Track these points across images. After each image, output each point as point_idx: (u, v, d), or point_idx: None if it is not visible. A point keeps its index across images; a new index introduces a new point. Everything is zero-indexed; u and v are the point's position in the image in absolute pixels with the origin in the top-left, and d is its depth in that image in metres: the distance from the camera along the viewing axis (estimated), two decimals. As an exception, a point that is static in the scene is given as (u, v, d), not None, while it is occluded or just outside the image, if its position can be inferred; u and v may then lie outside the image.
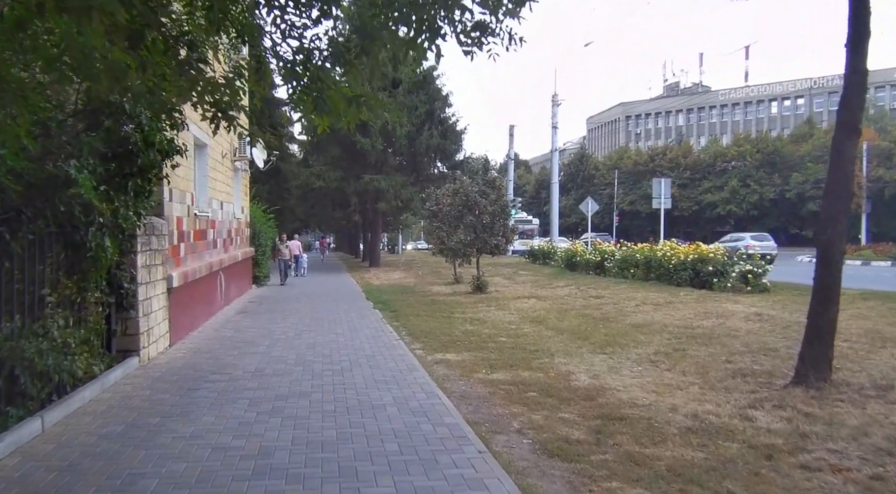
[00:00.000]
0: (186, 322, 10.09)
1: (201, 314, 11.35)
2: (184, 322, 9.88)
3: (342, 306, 14.60)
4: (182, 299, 9.77)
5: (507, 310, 13.78)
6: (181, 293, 9.68)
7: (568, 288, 17.97)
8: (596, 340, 9.75)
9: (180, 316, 9.62)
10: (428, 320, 12.37)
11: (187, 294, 10.17)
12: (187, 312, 10.16)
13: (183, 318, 9.81)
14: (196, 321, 10.86)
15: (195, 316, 10.80)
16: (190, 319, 10.38)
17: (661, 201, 23.94)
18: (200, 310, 11.28)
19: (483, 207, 16.71)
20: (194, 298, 10.75)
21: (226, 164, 15.02)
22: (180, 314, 9.63)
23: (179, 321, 9.56)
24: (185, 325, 10.02)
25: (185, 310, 10.02)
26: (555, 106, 33.14)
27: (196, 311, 10.90)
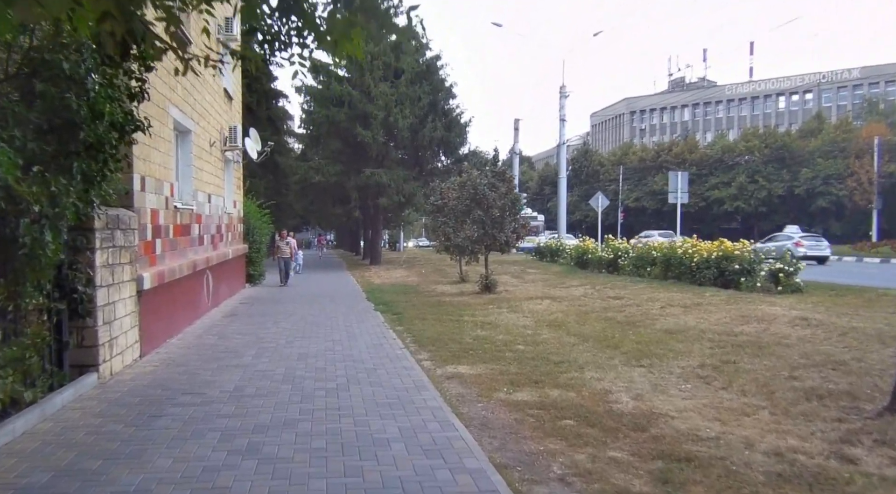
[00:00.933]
0: (163, 329, 8.93)
1: (182, 318, 10.18)
2: (159, 329, 8.71)
3: (341, 309, 13.43)
4: (157, 302, 8.60)
5: (520, 313, 12.61)
6: (156, 296, 8.51)
7: (583, 288, 16.79)
8: (627, 349, 8.57)
9: (154, 322, 8.45)
10: (434, 324, 11.20)
11: (165, 297, 9.00)
12: (164, 317, 8.99)
13: (158, 324, 8.64)
14: (175, 326, 9.69)
15: (174, 321, 9.63)
16: (167, 324, 9.21)
17: (678, 195, 22.74)
18: (181, 314, 10.11)
19: (492, 200, 15.53)
20: (173, 300, 9.58)
21: (215, 154, 13.85)
22: (155, 319, 8.46)
23: (153, 328, 8.39)
24: (161, 332, 8.86)
25: (162, 315, 8.85)
26: (562, 98, 31.92)
27: (176, 315, 9.73)
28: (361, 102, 26.93)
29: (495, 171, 16.09)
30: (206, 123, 12.76)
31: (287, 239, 20.10)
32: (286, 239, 20.07)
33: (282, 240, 20.03)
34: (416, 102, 27.47)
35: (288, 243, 19.87)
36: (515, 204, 15.66)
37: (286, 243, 19.82)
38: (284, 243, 19.82)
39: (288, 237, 20.29)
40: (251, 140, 17.41)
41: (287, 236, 20.34)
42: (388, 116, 26.67)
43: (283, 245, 19.71)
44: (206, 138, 12.65)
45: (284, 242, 19.87)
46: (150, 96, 8.39)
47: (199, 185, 12.02)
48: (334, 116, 27.16)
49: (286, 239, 20.07)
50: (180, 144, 11.12)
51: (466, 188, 15.92)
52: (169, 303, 9.29)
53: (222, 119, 14.70)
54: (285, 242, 19.86)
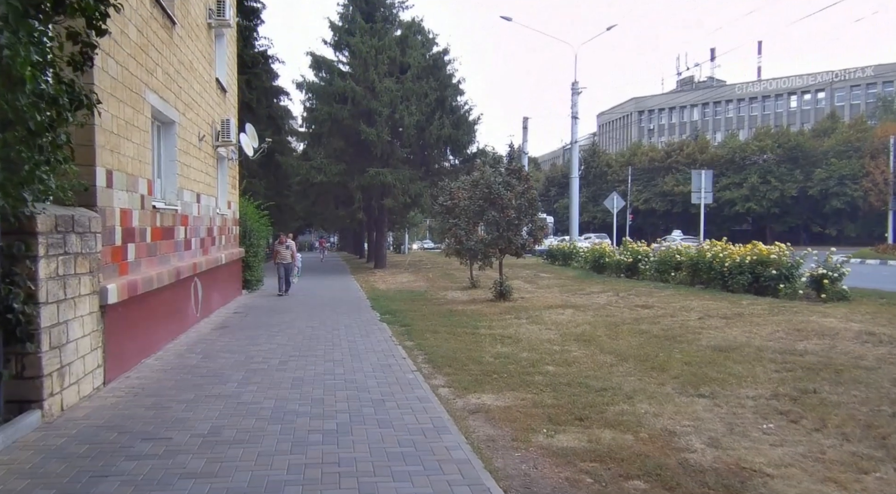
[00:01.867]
0: (136, 348, 7.71)
1: (163, 333, 8.96)
2: (132, 349, 7.50)
3: (343, 319, 12.20)
4: (129, 317, 7.39)
5: (541, 324, 11.36)
6: (128, 310, 7.30)
7: (605, 295, 15.52)
8: (677, 371, 7.32)
9: (125, 341, 7.24)
10: (448, 338, 9.96)
11: (139, 310, 7.79)
12: (138, 334, 7.77)
13: (130, 343, 7.42)
14: (154, 343, 8.47)
15: (152, 338, 8.41)
16: (143, 342, 7.99)
17: (702, 195, 21.45)
18: (161, 329, 8.89)
19: (507, 200, 14.29)
20: (151, 314, 8.37)
21: (205, 149, 12.65)
22: (125, 338, 7.24)
23: (123, 348, 7.17)
24: (135, 351, 7.64)
25: (135, 332, 7.63)
26: (574, 94, 30.66)
27: (154, 330, 8.51)
28: (365, 99, 25.75)
29: (510, 168, 14.86)
30: (195, 114, 11.56)
31: (287, 242, 18.03)
32: (286, 243, 17.99)
33: (281, 244, 17.97)
34: (422, 98, 26.27)
35: (288, 246, 17.84)
36: (533, 204, 14.42)
37: (286, 246, 17.82)
38: (284, 246, 17.82)
39: (288, 241, 18.26)
40: (247, 136, 16.22)
41: (287, 240, 18.27)
42: (394, 113, 25.49)
43: (283, 250, 17.74)
44: (193, 132, 11.44)
45: (284, 246, 17.86)
46: (119, 76, 7.20)
47: (186, 183, 10.81)
48: (337, 114, 25.98)
49: (286, 243, 17.99)
50: (163, 137, 9.92)
51: (479, 187, 14.69)
52: (145, 317, 8.07)
53: (214, 112, 13.51)
54: (285, 245, 17.85)
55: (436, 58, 27.55)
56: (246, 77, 28.66)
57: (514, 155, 14.91)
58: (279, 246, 17.91)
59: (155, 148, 9.53)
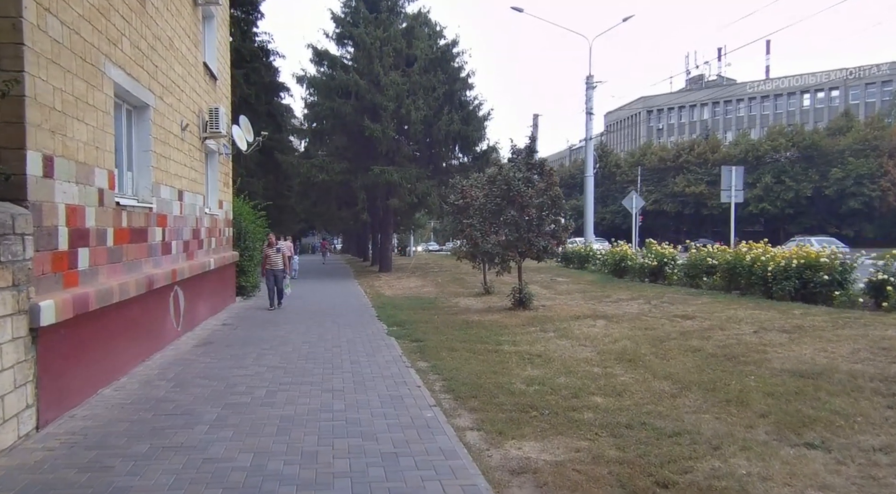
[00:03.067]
0: (88, 376, 6.26)
1: (129, 354, 7.52)
2: (80, 379, 6.05)
3: (345, 332, 10.74)
4: (78, 339, 5.95)
5: (572, 338, 9.89)
6: (76, 331, 5.87)
7: (636, 303, 14.04)
8: (761, 406, 5.85)
9: (70, 370, 5.80)
10: (468, 357, 8.50)
11: (94, 329, 6.35)
12: (92, 358, 6.33)
13: (77, 372, 5.98)
14: (114, 369, 7.03)
15: (112, 362, 6.97)
16: (99, 368, 6.54)
17: (732, 193, 19.92)
18: (127, 349, 7.45)
19: (528, 198, 12.82)
20: (112, 332, 6.93)
21: (191, 141, 11.23)
22: (71, 366, 5.81)
23: (67, 380, 5.73)
24: (85, 381, 6.19)
25: (86, 357, 6.19)
26: (589, 88, 29.20)
27: (116, 352, 7.07)
28: (370, 93, 24.32)
29: (531, 162, 13.39)
30: (176, 100, 10.13)
31: (278, 245, 14.97)
32: (277, 245, 14.87)
33: (271, 247, 14.75)
34: (430, 92, 24.84)
35: (279, 250, 14.74)
36: (556, 203, 12.94)
37: (277, 250, 14.72)
38: (275, 250, 14.66)
39: (279, 243, 15.25)
40: (241, 129, 14.80)
41: (278, 242, 15.23)
42: (400, 108, 24.06)
43: (274, 254, 14.58)
44: (174, 119, 10.01)
45: (275, 249, 14.70)
46: (66, 40, 5.75)
47: (164, 177, 9.38)
48: (340, 109, 24.57)
49: (277, 245, 14.87)
50: (135, 123, 8.49)
51: (497, 184, 13.22)
52: (103, 338, 6.63)
53: (202, 100, 12.09)
54: (275, 249, 14.72)
55: (444, 50, 26.12)
56: (244, 71, 27.28)
57: (535, 150, 13.43)
58: (268, 249, 14.76)
59: (124, 135, 8.11)
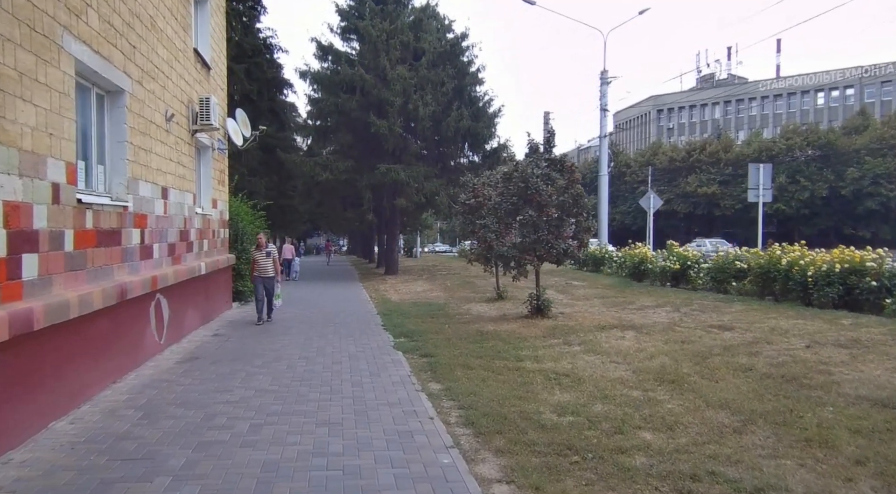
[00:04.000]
0: (35, 409, 5.23)
1: (94, 376, 6.49)
2: (22, 413, 5.02)
3: (348, 346, 9.69)
4: (19, 365, 4.92)
5: (601, 353, 8.80)
6: (17, 355, 4.84)
7: (663, 310, 12.94)
8: (854, 450, 4.77)
9: (6, 405, 4.76)
10: (487, 377, 7.43)
11: (43, 351, 5.32)
12: (39, 387, 5.30)
13: (17, 406, 4.94)
14: (74, 394, 5.99)
15: (70, 389, 5.93)
16: (50, 398, 5.51)
17: (760, 192, 18.76)
18: (91, 371, 6.41)
19: (548, 197, 11.74)
20: (68, 353, 5.89)
21: (178, 134, 10.21)
22: (7, 399, 4.77)
23: (2, 417, 4.69)
24: (30, 415, 5.16)
25: (31, 387, 5.16)
26: (603, 84, 28.09)
27: (75, 376, 6.03)
28: (376, 88, 23.28)
29: (551, 158, 12.32)
30: (159, 86, 9.11)
31: (268, 248, 12.56)
32: (266, 248, 12.50)
33: (260, 250, 12.44)
34: (438, 87, 23.78)
35: (269, 254, 12.41)
36: (578, 201, 11.85)
37: (266, 253, 12.40)
38: (264, 254, 12.37)
39: (269, 246, 12.78)
40: (237, 123, 13.79)
41: (268, 245, 12.80)
42: (407, 104, 23.01)
43: (263, 258, 12.34)
44: (157, 108, 8.98)
45: (264, 252, 12.39)
46: (6, 2, 4.72)
47: (144, 172, 8.35)
48: (344, 105, 23.54)
49: (266, 248, 12.50)
50: (107, 110, 7.47)
51: (513, 181, 12.15)
52: (55, 361, 5.60)
53: (191, 90, 11.07)
54: (265, 252, 12.39)
55: (453, 43, 25.06)
56: (245, 66, 26.35)
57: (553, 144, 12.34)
58: (257, 253, 12.45)
59: (93, 123, 7.09)
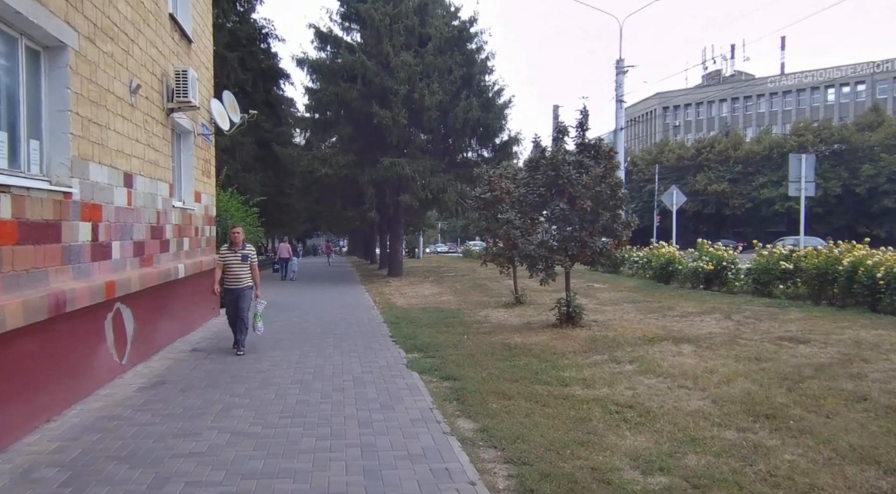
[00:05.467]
0: None
1: (10, 420, 4.84)
2: None
3: (351, 364, 8.04)
4: None
5: (661, 374, 7.16)
6: None
7: (711, 318, 11.30)
8: None
9: None
10: (531, 410, 5.79)
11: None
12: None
13: None
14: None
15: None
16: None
17: (802, 185, 17.12)
18: (1, 414, 4.77)
19: (582, 187, 10.10)
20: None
21: (149, 111, 8.58)
22: None
23: None
24: None
25: None
26: (619, 74, 26.47)
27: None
28: (378, 76, 21.64)
29: (584, 143, 10.69)
30: (121, 50, 7.47)
31: (245, 250, 8.98)
32: (243, 249, 8.94)
33: (233, 250, 8.93)
34: (446, 75, 22.14)
35: (247, 258, 8.93)
36: (616, 192, 10.21)
37: (243, 258, 8.91)
38: (238, 256, 8.89)
39: (247, 247, 9.07)
40: (223, 106, 12.16)
41: (245, 244, 9.06)
42: (412, 93, 21.36)
43: (236, 263, 8.87)
44: (118, 76, 7.35)
45: (238, 254, 8.89)
46: None
47: (98, 153, 6.72)
48: (345, 94, 21.89)
49: (243, 249, 8.94)
50: (44, 70, 5.83)
51: (541, 170, 10.51)
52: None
53: (166, 62, 9.43)
54: (239, 254, 8.90)
55: (460, 29, 23.42)
56: (239, 54, 24.73)
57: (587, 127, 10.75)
58: (228, 254, 8.92)
59: (22, 85, 5.46)
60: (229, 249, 8.97)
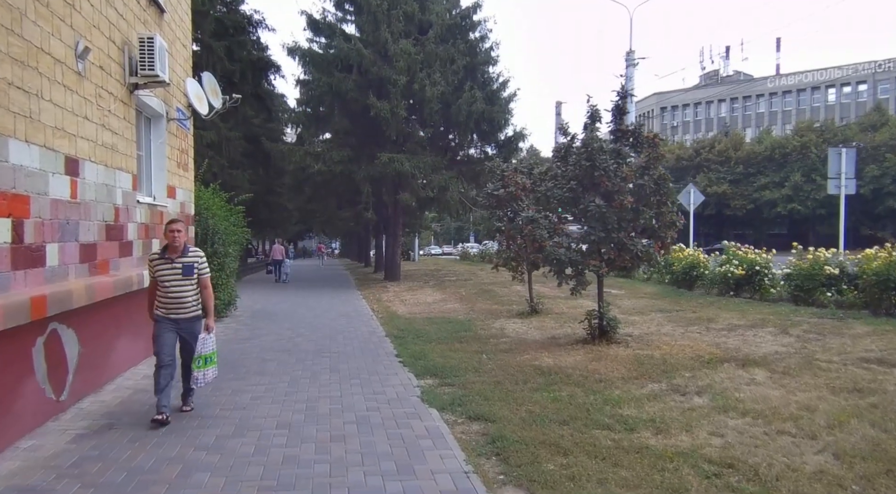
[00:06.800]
0: None
1: None
2: None
3: (353, 397, 6.48)
4: None
5: (747, 413, 5.66)
6: None
7: (766, 332, 9.82)
8: None
9: None
10: (602, 474, 4.26)
11: None
12: None
13: None
14: None
15: None
16: None
17: (842, 182, 15.72)
18: None
19: (620, 181, 8.61)
20: None
21: (103, 83, 7.01)
22: None
23: None
24: None
25: None
26: (629, 66, 25.06)
27: None
28: (376, 65, 20.11)
29: (622, 129, 9.20)
30: (63, 3, 5.90)
31: (190, 254, 5.66)
32: (186, 253, 5.63)
33: (168, 259, 5.59)
34: (448, 64, 20.63)
35: (193, 267, 5.59)
36: (662, 187, 8.72)
37: (189, 267, 5.59)
38: (177, 266, 5.56)
39: (192, 254, 5.67)
40: (202, 88, 10.57)
41: (187, 251, 5.65)
42: (412, 83, 19.84)
43: (175, 277, 5.56)
44: (57, 33, 5.77)
45: (177, 263, 5.57)
46: None
47: (25, 127, 5.15)
48: (339, 85, 20.33)
49: (186, 253, 5.63)
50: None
51: (573, 160, 9.00)
52: None
53: (129, 29, 7.85)
54: (178, 266, 5.56)
55: (463, 16, 21.92)
56: (226, 44, 23.11)
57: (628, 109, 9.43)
58: (159, 264, 5.61)
59: None
60: (162, 256, 5.55)
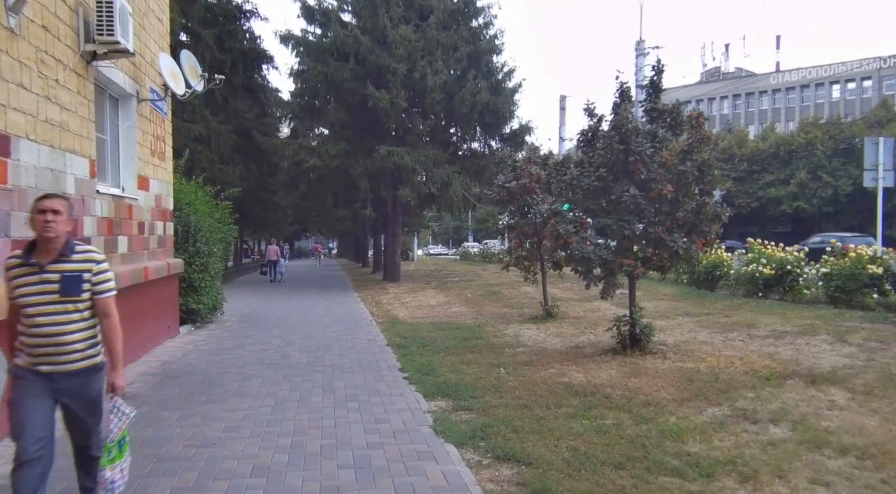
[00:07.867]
0: None
1: None
2: None
3: (350, 427, 5.30)
4: None
5: (843, 450, 4.51)
6: None
7: (819, 340, 8.66)
8: None
9: None
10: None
11: None
12: None
13: None
14: None
15: None
16: None
17: (880, 173, 14.58)
18: None
19: (657, 167, 7.46)
20: None
21: (50, 49, 5.84)
22: None
23: None
24: None
25: None
26: (640, 55, 23.97)
27: None
28: (374, 53, 18.93)
29: (657, 108, 8.06)
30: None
31: (73, 263, 3.13)
32: (57, 259, 3.10)
33: (36, 264, 3.09)
34: (450, 52, 19.46)
35: (78, 283, 3.12)
36: (706, 174, 7.57)
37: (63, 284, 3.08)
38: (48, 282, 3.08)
39: (79, 254, 3.21)
40: (179, 67, 9.39)
41: (72, 250, 3.17)
42: (413, 72, 18.67)
43: (47, 299, 3.07)
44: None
45: (42, 277, 3.07)
46: None
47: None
48: (336, 74, 19.15)
49: (57, 259, 3.10)
50: None
51: (602, 144, 7.84)
52: None
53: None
54: (57, 277, 3.07)
55: (467, 1, 20.73)
56: (215, 31, 21.89)
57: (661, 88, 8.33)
58: (19, 273, 3.11)
59: None
60: (26, 260, 3.14)
